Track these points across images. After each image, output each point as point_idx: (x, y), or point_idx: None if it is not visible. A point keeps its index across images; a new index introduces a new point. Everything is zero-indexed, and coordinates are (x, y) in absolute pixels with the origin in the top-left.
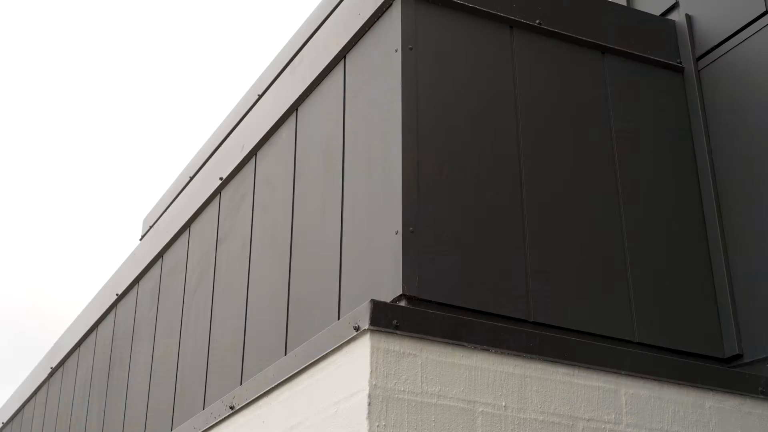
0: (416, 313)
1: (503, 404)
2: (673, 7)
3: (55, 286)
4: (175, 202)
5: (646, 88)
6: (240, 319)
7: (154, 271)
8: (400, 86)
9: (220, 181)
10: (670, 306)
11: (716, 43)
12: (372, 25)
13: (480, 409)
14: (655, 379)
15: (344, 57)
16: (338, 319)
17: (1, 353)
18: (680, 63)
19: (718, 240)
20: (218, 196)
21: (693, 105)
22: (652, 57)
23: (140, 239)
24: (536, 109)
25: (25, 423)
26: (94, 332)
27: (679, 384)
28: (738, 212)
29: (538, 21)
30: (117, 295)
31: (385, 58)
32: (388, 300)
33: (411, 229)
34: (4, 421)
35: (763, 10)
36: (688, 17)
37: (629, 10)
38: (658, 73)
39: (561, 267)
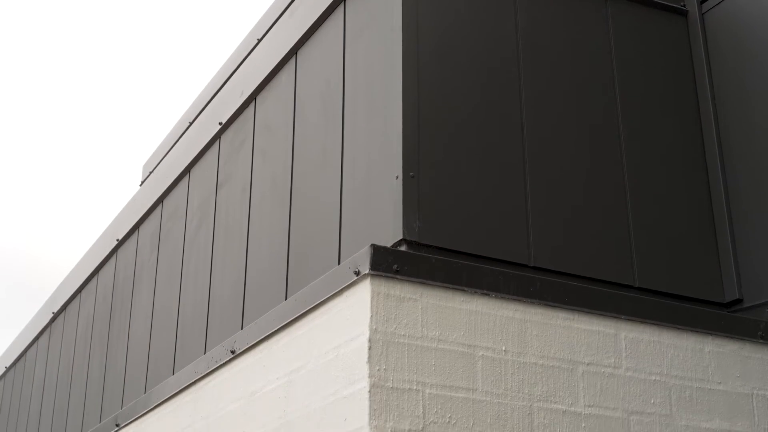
0: (416, 258)
1: (503, 348)
2: None
3: (55, 233)
4: (174, 148)
5: (650, 31)
6: (240, 264)
7: (154, 216)
8: (401, 29)
9: (220, 126)
10: (671, 251)
11: None
12: None
13: (480, 353)
14: (654, 324)
15: (344, 0)
16: (338, 264)
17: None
18: (684, 6)
19: (719, 185)
20: (218, 141)
21: (696, 48)
22: (656, 0)
23: (140, 185)
24: (538, 53)
25: (28, 367)
26: (95, 278)
27: (678, 328)
28: (740, 157)
29: None
30: (117, 240)
31: (385, 0)
32: (389, 245)
33: (411, 173)
34: (7, 366)
35: None
36: None
37: None
38: (661, 17)
39: (562, 212)
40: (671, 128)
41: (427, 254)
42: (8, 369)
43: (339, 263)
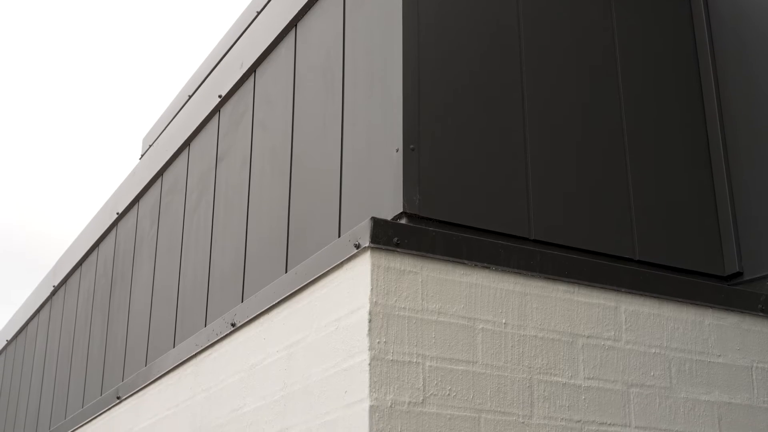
0: (417, 231)
1: (503, 321)
2: None
3: (55, 207)
4: (174, 121)
5: None
6: (240, 238)
7: (154, 189)
8: (401, 1)
9: (219, 99)
10: (671, 224)
11: None
12: None
13: (480, 326)
14: (654, 297)
15: None
16: (339, 237)
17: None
18: None
19: (720, 157)
20: (217, 114)
21: (696, 7)
22: None
23: (140, 158)
24: (539, 24)
25: (29, 341)
26: (96, 251)
27: (678, 301)
28: (742, 128)
29: None
30: (117, 214)
31: None
32: (389, 218)
33: (412, 146)
34: (8, 339)
35: None
36: None
37: None
38: None
39: (562, 185)
40: (673, 99)
41: (428, 227)
42: (9, 342)
43: (339, 236)
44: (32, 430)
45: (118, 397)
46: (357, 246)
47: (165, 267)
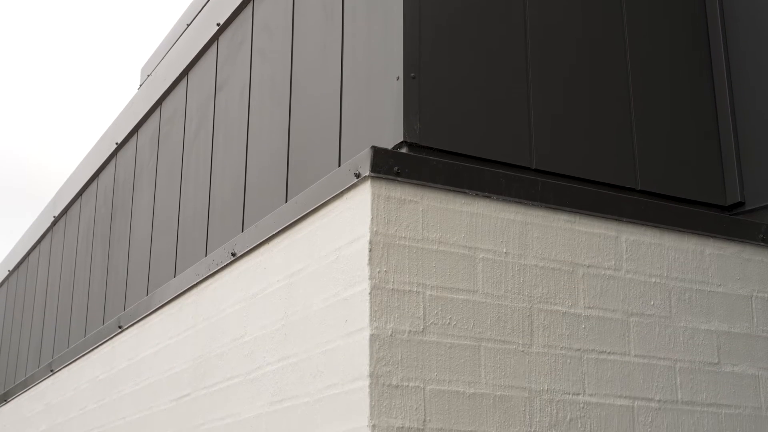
0: (417, 160)
1: (504, 251)
2: None
3: (54, 139)
4: (172, 50)
5: None
6: (240, 167)
7: (153, 119)
8: None
9: (218, 27)
10: (673, 153)
11: None
12: None
13: (481, 256)
14: (655, 226)
15: None
16: (339, 166)
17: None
18: None
19: (724, 87)
20: (216, 42)
21: None
22: None
23: (138, 88)
24: None
25: (31, 270)
26: (95, 181)
27: (679, 231)
28: (747, 57)
29: None
30: (116, 144)
31: None
32: (389, 147)
33: (412, 74)
34: (10, 269)
35: None
36: None
37: None
38: None
39: (564, 113)
40: (676, 27)
41: (428, 156)
42: (11, 273)
43: (339, 165)
44: (35, 360)
45: (119, 327)
46: (357, 175)
47: (165, 197)
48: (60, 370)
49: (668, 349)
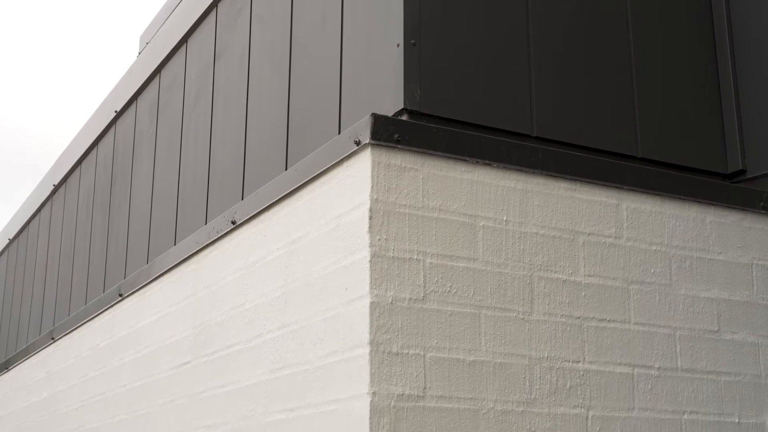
0: (418, 127)
1: (504, 218)
2: None
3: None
4: (171, 17)
5: None
6: (240, 135)
7: (152, 87)
8: None
9: None
10: (675, 121)
11: None
12: None
13: (481, 223)
14: (656, 194)
15: None
16: (339, 133)
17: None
18: None
19: (726, 53)
20: (215, 9)
21: None
22: None
23: (137, 56)
24: None
25: (31, 239)
26: (95, 149)
27: (680, 199)
28: (749, 25)
29: None
30: (116, 112)
31: None
32: (390, 114)
33: (413, 41)
34: (11, 238)
35: None
36: None
37: None
38: None
39: (565, 81)
40: None
41: (429, 123)
42: (11, 241)
43: (339, 133)
44: (36, 328)
45: (120, 295)
46: (357, 143)
47: (165, 165)
48: (61, 337)
49: (668, 317)
